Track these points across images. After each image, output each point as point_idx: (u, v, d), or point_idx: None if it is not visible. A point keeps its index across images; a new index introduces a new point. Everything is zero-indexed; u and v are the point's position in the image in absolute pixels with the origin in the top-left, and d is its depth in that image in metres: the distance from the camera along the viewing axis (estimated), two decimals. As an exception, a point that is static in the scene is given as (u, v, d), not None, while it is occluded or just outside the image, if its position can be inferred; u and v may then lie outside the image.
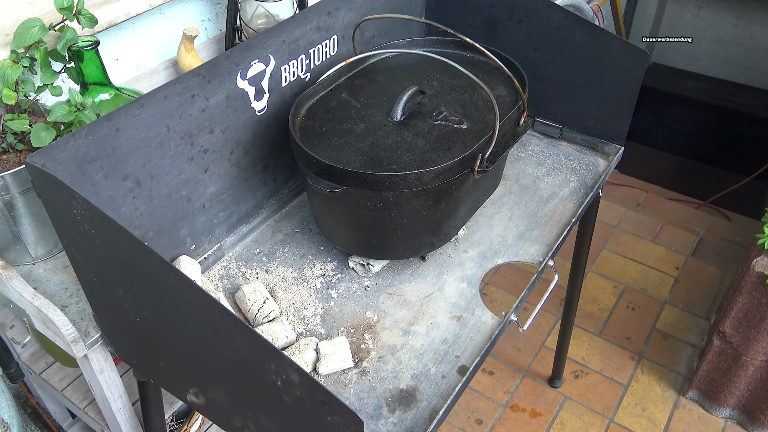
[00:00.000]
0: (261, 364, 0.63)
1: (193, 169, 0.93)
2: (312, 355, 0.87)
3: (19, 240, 0.92)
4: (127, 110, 0.80)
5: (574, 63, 1.19)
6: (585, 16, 2.17)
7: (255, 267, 1.03)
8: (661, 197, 2.53)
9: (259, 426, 0.73)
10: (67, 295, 0.91)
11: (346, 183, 0.87)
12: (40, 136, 0.87)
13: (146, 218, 0.89)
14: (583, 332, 2.00)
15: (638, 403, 1.81)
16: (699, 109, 2.53)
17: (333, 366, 0.86)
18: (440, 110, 1.01)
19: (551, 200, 1.16)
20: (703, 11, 2.60)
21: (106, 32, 1.14)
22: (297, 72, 1.05)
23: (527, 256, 1.05)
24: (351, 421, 0.58)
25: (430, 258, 1.04)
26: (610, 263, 2.23)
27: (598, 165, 1.24)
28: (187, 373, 0.79)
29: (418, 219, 0.93)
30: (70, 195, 0.66)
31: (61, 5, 0.92)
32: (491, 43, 1.16)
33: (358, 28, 1.09)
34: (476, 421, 1.78)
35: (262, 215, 1.10)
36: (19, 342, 1.21)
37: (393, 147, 0.93)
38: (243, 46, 0.93)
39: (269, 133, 1.04)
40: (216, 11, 1.33)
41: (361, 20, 1.01)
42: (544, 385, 1.87)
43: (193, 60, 1.21)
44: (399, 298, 0.98)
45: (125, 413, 1.03)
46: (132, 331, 0.79)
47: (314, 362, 0.87)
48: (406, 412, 0.82)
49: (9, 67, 0.90)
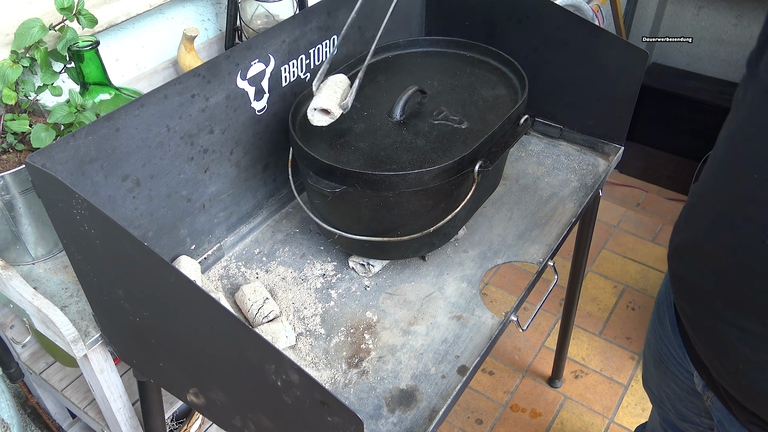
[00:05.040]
0: (261, 364, 0.63)
1: (193, 169, 0.93)
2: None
3: (19, 240, 0.92)
4: (127, 110, 0.80)
5: (574, 63, 1.19)
6: (585, 16, 2.17)
7: (255, 267, 1.03)
8: (661, 197, 2.53)
9: (259, 426, 0.73)
10: (67, 295, 0.91)
11: (346, 183, 0.87)
12: (40, 136, 0.87)
13: (146, 218, 0.89)
14: (583, 332, 2.00)
15: (638, 403, 1.81)
16: (699, 109, 2.53)
17: None
18: (440, 110, 1.01)
19: (551, 200, 1.16)
20: (703, 11, 2.60)
21: (106, 32, 1.14)
22: (297, 72, 1.05)
23: (527, 256, 1.05)
24: (351, 421, 0.58)
25: (430, 258, 1.04)
26: (610, 263, 2.23)
27: (598, 165, 1.24)
28: (187, 373, 0.79)
29: (418, 219, 0.93)
30: (70, 195, 0.66)
31: (61, 5, 0.92)
32: (491, 43, 1.16)
33: (359, 28, 1.09)
34: (476, 421, 1.78)
35: (262, 215, 1.10)
36: (19, 342, 1.21)
37: (393, 147, 0.93)
38: (243, 46, 0.93)
39: (269, 133, 1.04)
40: (216, 11, 1.33)
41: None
42: (544, 385, 1.87)
43: (193, 60, 1.21)
44: (399, 298, 0.98)
45: (125, 413, 1.03)
46: (132, 331, 0.79)
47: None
48: (406, 412, 0.82)
49: (9, 67, 0.90)
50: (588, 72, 1.19)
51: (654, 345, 1.01)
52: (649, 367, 1.06)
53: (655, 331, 1.00)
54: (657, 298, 1.01)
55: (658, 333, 0.99)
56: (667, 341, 0.96)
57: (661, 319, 0.98)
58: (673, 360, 0.96)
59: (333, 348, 0.90)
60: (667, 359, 0.97)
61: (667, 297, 0.97)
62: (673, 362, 0.96)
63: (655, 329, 1.00)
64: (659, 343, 0.99)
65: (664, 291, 0.98)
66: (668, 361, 0.97)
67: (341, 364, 0.88)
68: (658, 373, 1.03)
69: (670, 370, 0.98)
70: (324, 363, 0.88)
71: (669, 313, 0.95)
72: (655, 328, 1.00)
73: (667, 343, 0.96)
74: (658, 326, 0.99)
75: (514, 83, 1.07)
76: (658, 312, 0.99)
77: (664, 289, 0.99)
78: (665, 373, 1.00)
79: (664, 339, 0.97)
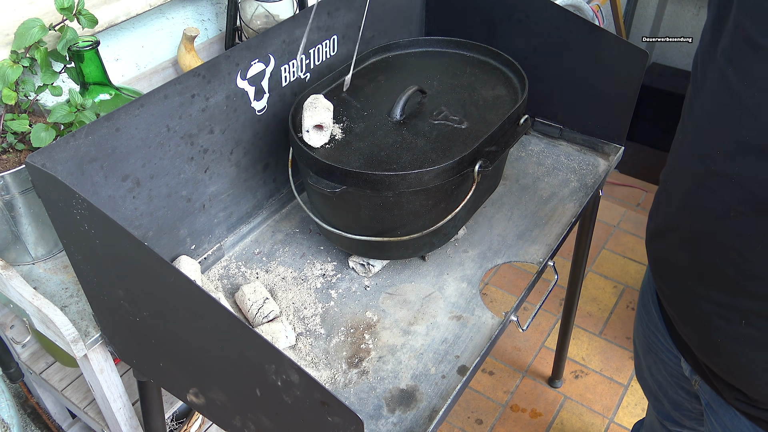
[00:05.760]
0: (261, 364, 0.63)
1: (193, 169, 0.93)
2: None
3: (19, 240, 0.92)
4: (127, 110, 0.80)
5: (574, 63, 1.19)
6: (585, 16, 2.17)
7: (255, 267, 1.03)
8: (661, 197, 2.53)
9: (259, 426, 0.73)
10: (67, 295, 0.91)
11: (346, 183, 0.87)
12: (40, 136, 0.87)
13: (146, 218, 0.89)
14: (583, 332, 2.00)
15: (638, 403, 1.81)
16: (699, 109, 2.53)
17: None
18: (440, 110, 1.01)
19: (551, 200, 1.16)
20: (703, 11, 2.59)
21: (106, 32, 1.14)
22: (297, 72, 1.05)
23: (527, 256, 1.05)
24: (351, 421, 0.58)
25: (430, 258, 1.04)
26: (610, 263, 2.23)
27: (598, 165, 1.24)
28: (187, 373, 0.79)
29: (418, 219, 0.93)
30: (70, 195, 0.66)
31: (61, 5, 0.92)
32: (491, 43, 1.16)
33: (358, 28, 1.09)
34: (476, 421, 1.78)
35: (262, 215, 1.10)
36: (19, 342, 1.21)
37: (393, 147, 0.93)
38: (243, 46, 0.93)
39: (269, 133, 1.04)
40: (216, 11, 1.33)
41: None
42: (544, 385, 1.87)
43: (193, 60, 1.21)
44: (399, 298, 0.98)
45: (125, 413, 1.03)
46: (132, 331, 0.79)
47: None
48: (406, 412, 0.82)
49: (9, 67, 0.90)
50: (588, 72, 1.19)
51: (642, 334, 1.03)
52: (640, 357, 1.08)
53: (641, 320, 1.02)
54: (641, 288, 1.04)
55: (645, 322, 1.01)
56: (654, 328, 0.98)
57: (646, 308, 1.00)
58: (661, 346, 0.98)
59: (333, 348, 0.90)
60: (656, 347, 0.99)
61: (650, 286, 0.99)
62: (662, 348, 0.98)
63: (642, 318, 1.02)
64: (647, 331, 1.01)
65: (647, 280, 1.00)
66: (657, 348, 0.99)
67: (341, 364, 0.88)
68: (648, 362, 1.04)
69: (659, 357, 0.99)
70: (324, 363, 0.88)
71: (653, 300, 0.97)
72: (642, 317, 1.02)
73: (654, 330, 0.98)
74: (645, 315, 1.01)
75: (514, 83, 1.07)
76: (643, 301, 1.02)
77: (647, 278, 1.01)
78: (655, 361, 1.01)
79: (651, 327, 0.99)
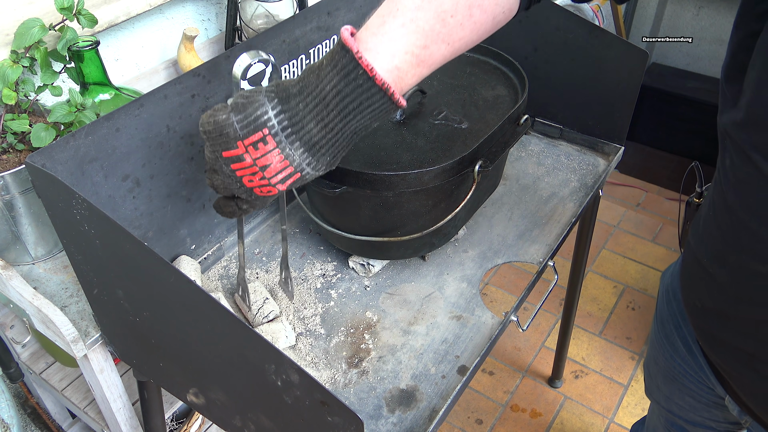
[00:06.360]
0: (261, 364, 0.63)
1: (193, 169, 0.93)
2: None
3: (19, 240, 0.92)
4: (127, 110, 0.80)
5: (574, 63, 1.19)
6: (585, 16, 2.17)
7: (255, 267, 1.03)
8: (661, 197, 2.53)
9: (259, 426, 0.73)
10: (67, 295, 0.91)
11: (346, 183, 0.87)
12: (40, 136, 0.87)
13: (146, 218, 0.89)
14: (583, 332, 2.00)
15: (638, 403, 1.81)
16: (699, 109, 2.53)
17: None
18: (440, 110, 1.01)
19: (551, 200, 1.16)
20: (703, 11, 2.60)
21: (106, 32, 1.14)
22: (297, 72, 1.05)
23: (527, 256, 1.05)
24: (351, 421, 0.58)
25: (430, 258, 1.04)
26: (610, 263, 2.23)
27: (598, 165, 1.24)
28: (187, 373, 0.79)
29: (418, 219, 0.93)
30: (70, 195, 0.66)
31: (61, 5, 0.92)
32: (491, 43, 1.15)
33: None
34: (476, 421, 1.78)
35: (262, 215, 1.10)
36: (19, 342, 1.21)
37: (393, 147, 0.93)
38: (243, 46, 0.93)
39: (269, 133, 1.04)
40: (216, 11, 1.33)
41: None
42: (544, 385, 1.87)
43: (193, 60, 1.21)
44: (399, 298, 0.98)
45: (125, 413, 1.03)
46: (132, 331, 0.79)
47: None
48: (406, 412, 0.82)
49: (9, 67, 0.90)
50: (588, 72, 1.19)
51: (664, 363, 0.96)
52: (657, 382, 1.01)
53: (664, 350, 0.95)
54: (659, 316, 0.97)
55: (669, 353, 0.94)
56: (680, 360, 0.92)
57: (669, 339, 0.93)
58: (689, 377, 0.91)
59: (333, 348, 0.90)
60: (682, 377, 0.93)
61: (672, 317, 0.92)
62: (690, 379, 0.92)
63: (664, 348, 0.95)
64: (670, 362, 0.94)
65: (666, 309, 0.94)
66: (683, 378, 0.93)
67: (341, 364, 0.88)
68: (669, 389, 0.98)
69: (686, 386, 0.93)
70: (324, 363, 0.88)
71: (679, 333, 0.91)
72: (664, 347, 0.95)
73: (680, 362, 0.92)
74: (668, 346, 0.94)
75: (514, 83, 1.07)
76: (664, 331, 0.94)
77: (665, 306, 0.94)
78: (680, 389, 0.95)
79: (676, 359, 0.92)
